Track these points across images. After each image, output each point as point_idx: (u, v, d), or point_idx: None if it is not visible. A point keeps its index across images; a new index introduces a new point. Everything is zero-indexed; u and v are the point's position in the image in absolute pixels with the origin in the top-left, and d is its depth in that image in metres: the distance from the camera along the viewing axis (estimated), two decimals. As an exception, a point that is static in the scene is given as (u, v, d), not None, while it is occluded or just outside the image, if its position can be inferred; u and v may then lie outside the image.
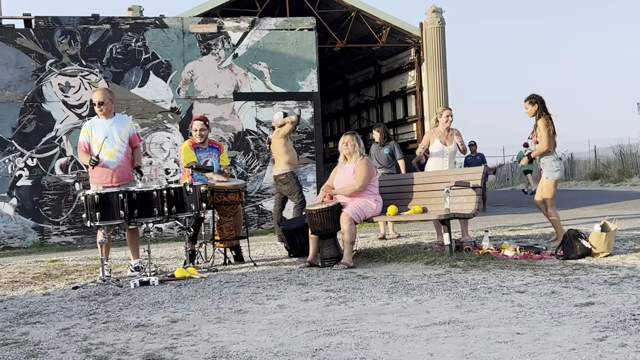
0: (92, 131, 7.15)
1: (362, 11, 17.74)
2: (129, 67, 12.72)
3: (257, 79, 13.22)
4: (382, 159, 10.10)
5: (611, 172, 25.49)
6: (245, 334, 4.14)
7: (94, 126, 7.19)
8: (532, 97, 7.70)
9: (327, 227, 7.05)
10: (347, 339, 3.85)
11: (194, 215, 7.13)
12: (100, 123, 7.20)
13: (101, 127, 7.17)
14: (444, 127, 8.53)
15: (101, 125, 7.18)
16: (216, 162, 7.93)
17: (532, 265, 6.18)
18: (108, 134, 7.13)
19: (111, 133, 7.16)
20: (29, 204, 12.23)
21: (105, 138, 7.08)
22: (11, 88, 12.24)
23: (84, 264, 8.71)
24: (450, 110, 8.63)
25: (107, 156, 7.10)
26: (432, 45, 17.06)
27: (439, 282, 5.59)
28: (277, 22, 13.44)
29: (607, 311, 4.16)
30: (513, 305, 4.52)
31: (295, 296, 5.36)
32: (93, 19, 12.65)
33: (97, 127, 7.17)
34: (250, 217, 12.96)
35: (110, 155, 7.13)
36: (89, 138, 7.15)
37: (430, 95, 17.26)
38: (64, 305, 5.53)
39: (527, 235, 9.04)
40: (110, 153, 7.13)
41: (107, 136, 7.11)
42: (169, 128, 12.84)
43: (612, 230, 6.64)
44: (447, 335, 3.83)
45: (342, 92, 25.07)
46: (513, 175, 34.58)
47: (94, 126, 7.19)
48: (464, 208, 7.10)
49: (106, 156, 7.10)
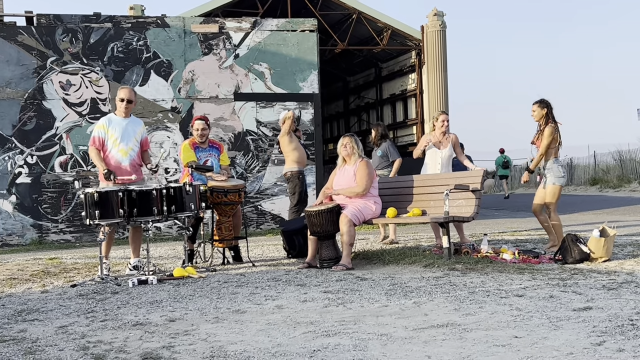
0: (108, 127, 7.19)
1: (364, 13, 17.75)
2: (130, 66, 12.73)
3: (258, 79, 13.23)
4: (375, 161, 9.82)
5: (610, 178, 25.50)
6: (243, 334, 4.14)
7: (111, 122, 7.23)
8: (542, 102, 7.70)
9: (326, 229, 7.05)
10: (345, 340, 3.85)
11: (193, 215, 7.13)
12: (118, 121, 7.25)
13: (118, 124, 7.22)
14: (439, 131, 8.60)
15: (118, 123, 7.23)
16: (216, 162, 7.93)
17: (531, 269, 6.18)
18: (124, 132, 7.19)
19: (127, 131, 7.22)
20: (28, 202, 12.23)
21: (121, 135, 7.15)
22: (12, 85, 12.24)
23: (83, 262, 8.71)
24: (446, 115, 8.70)
25: (120, 153, 7.16)
26: (433, 48, 17.07)
27: (437, 285, 5.59)
28: (279, 23, 13.45)
29: (605, 316, 4.17)
30: (511, 308, 4.52)
31: (294, 297, 5.36)
32: (95, 17, 12.66)
33: (114, 124, 7.22)
34: (249, 217, 12.96)
35: (124, 152, 7.19)
36: (104, 134, 7.17)
37: (431, 98, 17.27)
38: (62, 303, 5.53)
39: (526, 239, 9.05)
40: (124, 150, 7.19)
41: (122, 134, 7.17)
42: (169, 127, 12.84)
43: (610, 236, 6.65)
44: (445, 337, 3.83)
45: (342, 94, 25.08)
46: (512, 179, 34.56)
47: (111, 122, 7.23)
48: (463, 211, 7.10)
49: (119, 153, 7.16)
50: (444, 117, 8.65)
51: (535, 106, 7.74)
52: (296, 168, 9.13)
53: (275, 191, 13.27)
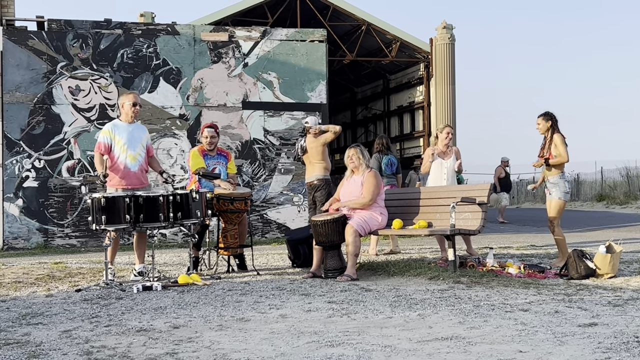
0: (114, 133, 7.18)
1: (373, 25, 17.80)
2: (139, 73, 12.78)
3: (266, 88, 13.27)
4: None
5: (617, 194, 25.40)
6: (247, 342, 4.13)
7: (116, 128, 7.22)
8: (547, 114, 7.69)
9: (332, 239, 7.04)
10: (348, 351, 3.84)
11: (199, 222, 7.13)
12: (124, 126, 7.25)
13: (124, 130, 7.22)
14: (442, 143, 8.62)
15: (124, 129, 7.23)
16: (224, 170, 7.94)
17: (536, 284, 6.16)
18: (131, 138, 7.21)
19: (133, 137, 7.24)
20: (34, 206, 12.26)
21: (128, 141, 7.17)
22: (21, 89, 12.31)
23: (88, 267, 8.71)
24: (450, 127, 8.76)
25: (129, 159, 7.17)
26: (442, 61, 17.11)
27: (442, 298, 5.58)
28: (288, 33, 13.50)
29: (610, 332, 4.14)
30: (516, 323, 4.50)
31: (298, 306, 5.35)
32: (105, 23, 12.73)
33: (120, 130, 7.21)
34: (254, 226, 12.96)
35: (132, 158, 7.20)
36: (110, 140, 7.16)
37: (438, 110, 17.29)
38: (66, 308, 5.54)
39: (532, 254, 9.02)
40: (132, 156, 7.20)
41: (129, 140, 7.18)
42: (177, 134, 12.88)
43: (617, 252, 6.62)
44: (449, 350, 3.81)
45: (350, 104, 25.13)
46: (518, 193, 34.50)
47: (116, 128, 7.22)
48: (470, 224, 7.09)
49: (128, 159, 7.16)
50: (448, 129, 8.70)
51: (540, 119, 7.72)
52: (327, 176, 8.99)
53: (281, 200, 13.28)
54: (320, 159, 8.86)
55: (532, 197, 31.21)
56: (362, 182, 7.27)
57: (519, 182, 36.25)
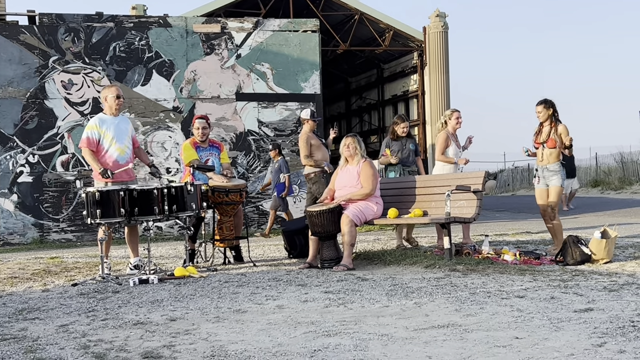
0: (102, 127, 7.14)
1: (366, 14, 17.75)
2: (132, 66, 12.74)
3: (260, 79, 13.23)
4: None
5: (612, 180, 25.45)
6: (244, 334, 4.14)
7: (103, 122, 7.18)
8: (547, 102, 7.58)
9: (328, 229, 7.05)
10: (345, 341, 3.85)
11: (195, 215, 7.13)
12: (110, 120, 7.22)
13: (111, 123, 7.19)
14: (453, 129, 8.49)
15: (110, 122, 7.20)
16: (217, 161, 7.93)
17: (532, 271, 6.18)
18: (117, 131, 7.18)
19: (120, 130, 7.22)
20: (29, 201, 12.23)
21: (116, 134, 7.15)
22: (14, 84, 12.25)
23: (84, 261, 8.71)
24: (459, 112, 8.51)
25: (117, 151, 7.15)
26: (435, 49, 17.09)
27: (438, 286, 5.59)
28: (281, 24, 13.45)
29: (606, 317, 4.16)
30: (512, 309, 4.52)
31: (295, 297, 5.36)
32: (97, 16, 12.67)
33: (107, 124, 7.18)
34: (250, 217, 12.96)
35: (121, 150, 7.19)
36: (98, 134, 7.11)
37: (432, 99, 17.28)
38: (63, 302, 5.53)
39: (527, 240, 9.04)
40: (121, 149, 7.19)
41: (116, 133, 7.17)
42: (171, 127, 12.85)
43: (612, 237, 6.64)
44: (446, 338, 3.82)
45: (344, 94, 25.08)
46: (513, 180, 34.57)
47: (103, 122, 7.18)
48: (465, 212, 7.10)
49: (117, 151, 7.14)
50: (458, 114, 8.46)
51: (541, 107, 7.59)
52: (317, 168, 8.89)
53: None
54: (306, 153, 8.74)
55: (527, 184, 31.25)
56: (358, 172, 7.26)
57: (514, 169, 36.32)
